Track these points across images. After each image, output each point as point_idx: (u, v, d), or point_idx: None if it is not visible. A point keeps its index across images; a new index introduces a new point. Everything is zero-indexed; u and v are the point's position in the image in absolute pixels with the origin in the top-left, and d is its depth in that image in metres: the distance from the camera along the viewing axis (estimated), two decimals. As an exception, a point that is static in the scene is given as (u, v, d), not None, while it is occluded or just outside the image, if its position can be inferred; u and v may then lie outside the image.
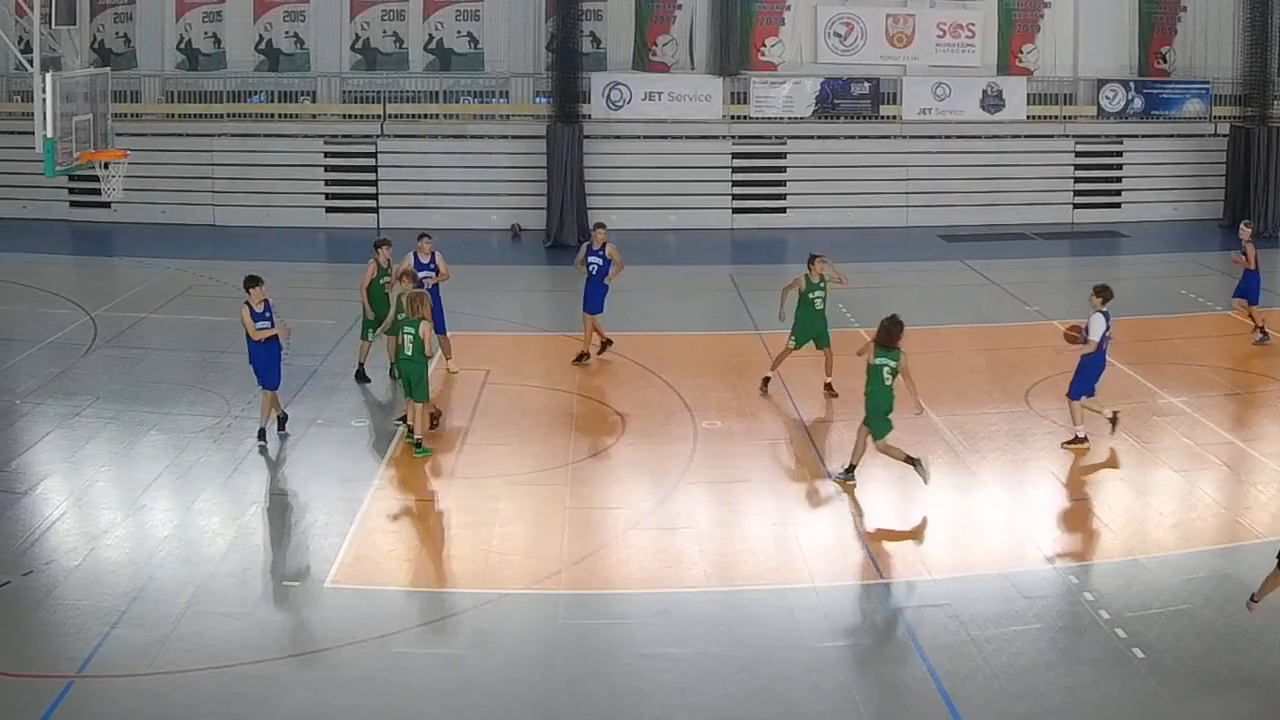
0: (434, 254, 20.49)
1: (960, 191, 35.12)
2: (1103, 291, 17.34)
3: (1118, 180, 36.29)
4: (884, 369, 15.72)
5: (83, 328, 23.25)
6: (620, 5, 35.31)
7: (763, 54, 35.82)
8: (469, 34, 35.57)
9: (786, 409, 19.30)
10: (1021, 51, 36.35)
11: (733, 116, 35.31)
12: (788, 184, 35.43)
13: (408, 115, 35.13)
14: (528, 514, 15.43)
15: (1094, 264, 30.57)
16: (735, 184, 35.27)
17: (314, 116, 35.34)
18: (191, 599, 12.85)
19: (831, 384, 19.45)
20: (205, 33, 35.42)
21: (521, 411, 19.14)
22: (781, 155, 35.37)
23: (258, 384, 17.52)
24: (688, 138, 35.17)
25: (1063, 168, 35.94)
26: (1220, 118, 35.84)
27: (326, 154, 34.88)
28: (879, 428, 15.88)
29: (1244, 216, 33.60)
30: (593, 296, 21.30)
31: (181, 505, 15.39)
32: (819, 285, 19.48)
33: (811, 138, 35.44)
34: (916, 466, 15.73)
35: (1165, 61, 36.80)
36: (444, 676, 11.63)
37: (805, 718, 11.09)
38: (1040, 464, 16.99)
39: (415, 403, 17.19)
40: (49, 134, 19.78)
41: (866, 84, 35.42)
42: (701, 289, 28.13)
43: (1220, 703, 10.98)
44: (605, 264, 21.20)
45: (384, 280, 19.91)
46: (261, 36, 35.51)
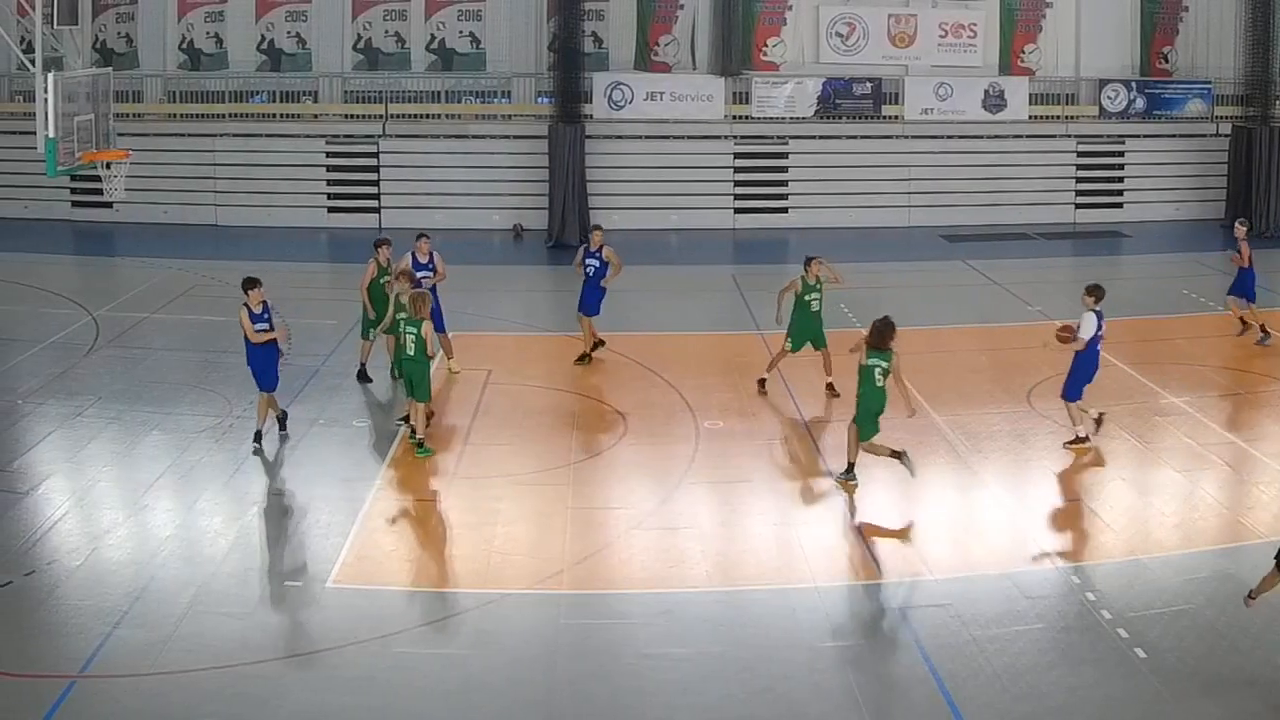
0: (432, 254, 20.50)
1: (962, 191, 35.10)
2: (1095, 290, 17.33)
3: (1120, 180, 36.26)
4: (875, 369, 15.78)
5: (85, 328, 23.25)
6: (622, 5, 35.29)
7: (764, 54, 35.79)
8: (471, 34, 35.57)
9: (788, 409, 19.30)
10: (1023, 51, 36.33)
11: (734, 116, 35.29)
12: (790, 184, 35.40)
13: (410, 115, 35.12)
14: (530, 514, 15.43)
15: (1096, 264, 30.51)
16: (737, 184, 35.25)
17: (316, 116, 35.33)
18: (193, 599, 12.85)
19: (833, 384, 19.44)
20: (207, 33, 35.42)
21: (523, 411, 19.14)
22: (783, 155, 35.34)
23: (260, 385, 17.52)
24: (690, 138, 35.15)
25: (1064, 168, 35.91)
26: (1222, 118, 35.81)
27: (328, 154, 34.87)
28: (866, 429, 15.96)
29: (1246, 216, 33.68)
30: (590, 299, 21.29)
31: (183, 505, 15.40)
32: (815, 287, 19.46)
33: (813, 138, 35.42)
34: (902, 459, 15.81)
35: (1167, 61, 36.78)
36: (446, 677, 11.63)
37: (807, 718, 11.09)
38: (1042, 464, 16.98)
39: (417, 403, 17.19)
40: (51, 134, 19.78)
41: (868, 84, 35.40)
42: (703, 289, 28.11)
43: (1223, 703, 10.96)
44: (602, 266, 21.17)
45: (384, 280, 19.91)
46: (263, 36, 35.50)
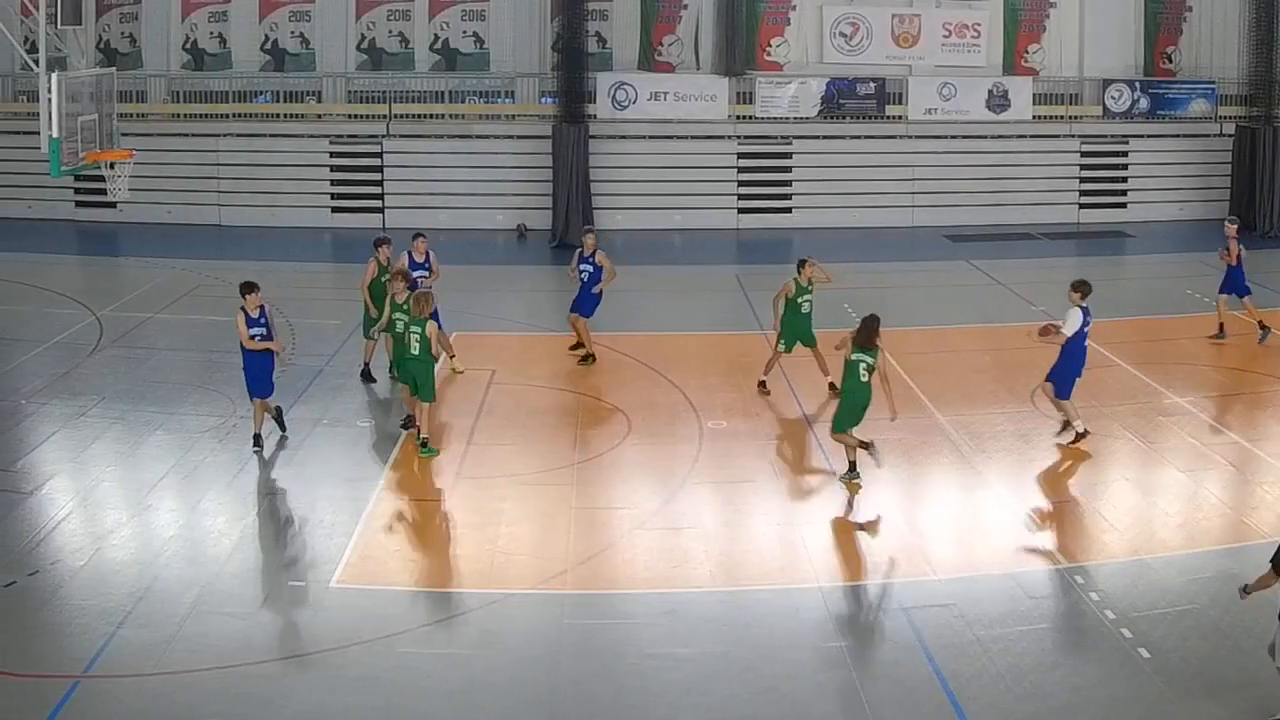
0: (429, 253, 20.55)
1: (966, 191, 35.06)
2: (1081, 286, 17.34)
3: (1123, 180, 36.23)
4: (860, 365, 15.87)
5: (88, 328, 23.26)
6: (626, 5, 35.30)
7: (768, 54, 35.77)
8: (474, 34, 35.56)
9: (791, 409, 19.29)
10: (1027, 51, 36.29)
11: (738, 116, 35.27)
12: (793, 184, 35.37)
13: (413, 115, 35.11)
14: (533, 514, 15.42)
15: (1099, 264, 30.46)
16: (741, 184, 35.23)
17: (319, 116, 35.34)
18: (197, 599, 12.85)
19: (835, 383, 19.41)
20: (211, 33, 35.43)
21: (527, 411, 19.14)
22: (787, 155, 35.31)
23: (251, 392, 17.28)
24: (693, 138, 35.13)
25: (1068, 168, 35.87)
26: (1226, 118, 35.77)
27: (332, 154, 34.88)
28: (842, 422, 16.08)
29: (1250, 216, 33.71)
30: (585, 303, 21.30)
31: (187, 505, 15.40)
32: (808, 289, 19.53)
33: (817, 138, 35.38)
34: (869, 449, 15.87)
35: (1171, 61, 36.74)
36: (449, 676, 11.63)
37: (811, 718, 11.08)
38: (1045, 464, 16.97)
39: (422, 402, 17.19)
40: (54, 134, 19.79)
41: (872, 84, 35.36)
42: (707, 289, 28.10)
43: (1226, 703, 10.95)
44: (597, 271, 21.17)
45: (385, 279, 19.93)
46: (267, 36, 35.50)
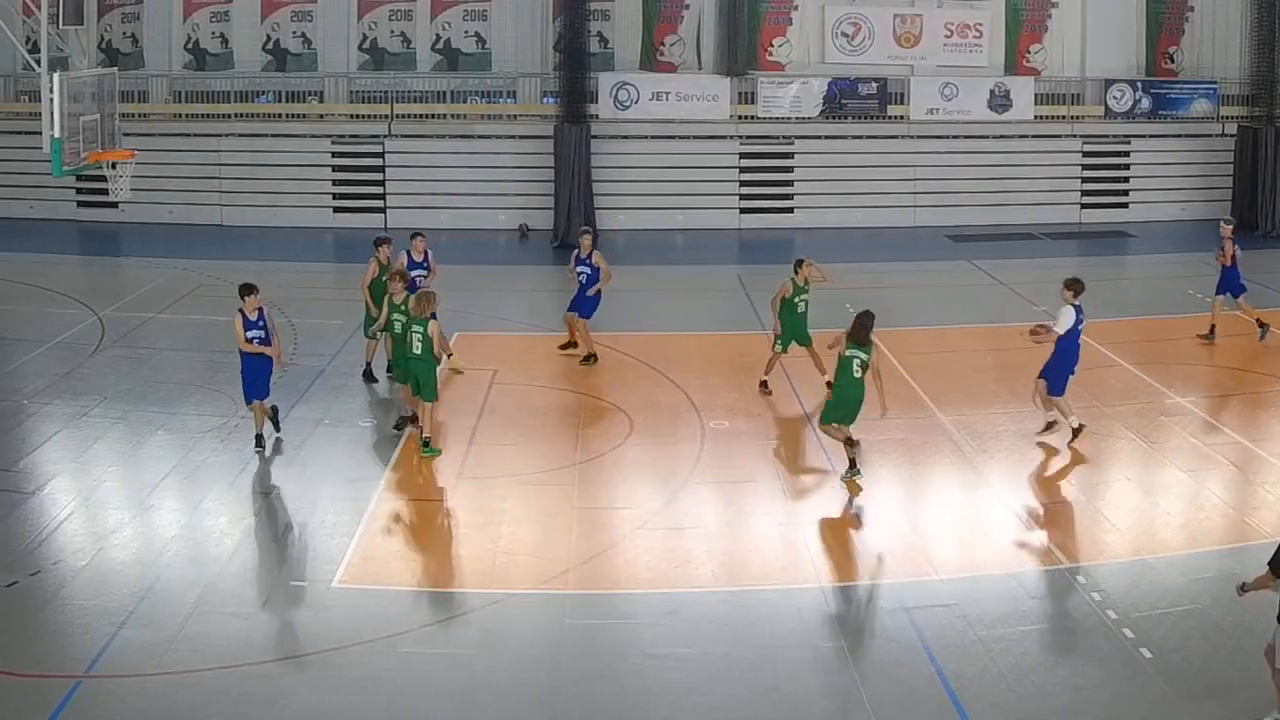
0: (427, 252, 20.57)
1: (967, 191, 35.06)
2: (1074, 285, 17.35)
3: (1125, 180, 36.23)
4: (854, 361, 15.93)
5: (90, 328, 23.26)
6: (628, 5, 35.31)
7: (770, 54, 35.78)
8: (476, 34, 35.58)
9: (793, 409, 19.29)
10: (1029, 51, 36.29)
11: (740, 116, 35.27)
12: (795, 184, 35.38)
13: (415, 115, 35.12)
14: (535, 514, 15.42)
15: (1101, 264, 30.47)
16: (743, 184, 35.23)
17: (321, 116, 35.35)
18: (199, 599, 12.85)
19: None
20: (213, 33, 35.45)
21: (528, 411, 19.14)
22: (789, 155, 35.31)
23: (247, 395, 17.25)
24: (695, 138, 35.14)
25: (1070, 168, 35.88)
26: (1228, 118, 35.77)
27: (334, 154, 34.89)
28: (831, 415, 16.20)
29: (1252, 216, 33.73)
30: (584, 304, 21.32)
31: (189, 505, 15.40)
32: (805, 289, 19.59)
33: (819, 138, 35.38)
34: (852, 448, 15.98)
35: (1173, 61, 36.73)
36: (451, 676, 11.63)
37: (812, 717, 11.08)
38: (1047, 464, 16.96)
39: (424, 402, 17.18)
40: (56, 134, 19.81)
41: (874, 84, 35.36)
42: (709, 289, 28.10)
43: (1228, 703, 10.95)
44: (594, 272, 21.21)
45: (386, 278, 19.94)
46: (269, 36, 35.52)
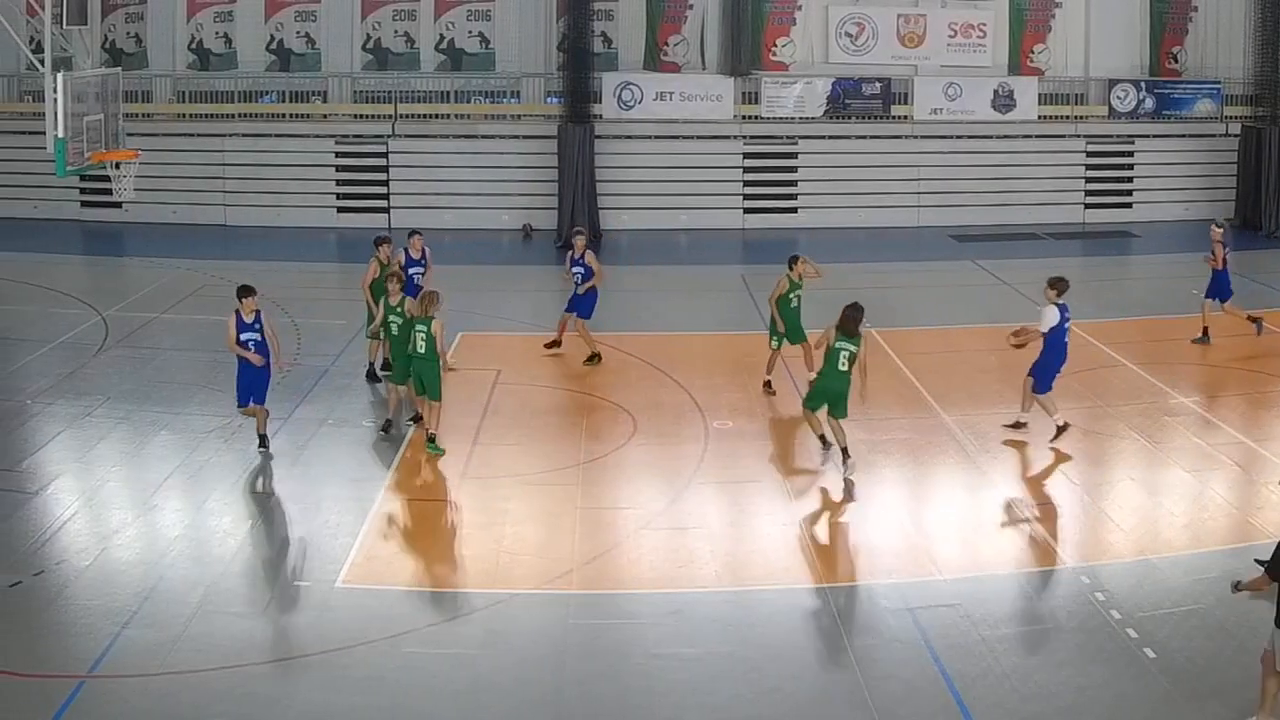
0: (424, 249, 20.59)
1: (971, 191, 35.05)
2: (1057, 284, 17.35)
3: (1129, 180, 36.19)
4: (841, 353, 16.02)
5: (94, 328, 23.28)
6: (631, 5, 35.31)
7: (774, 54, 35.78)
8: (480, 34, 35.59)
9: (796, 409, 19.19)
10: (1033, 51, 36.27)
11: (744, 116, 35.27)
12: (799, 184, 35.37)
13: (419, 115, 35.13)
14: (539, 514, 15.42)
15: (1105, 264, 30.48)
16: (746, 184, 35.23)
17: (325, 116, 35.37)
18: (202, 599, 12.86)
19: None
20: (216, 33, 35.49)
21: (532, 411, 19.15)
22: (793, 155, 35.31)
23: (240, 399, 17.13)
24: (699, 138, 35.14)
25: (1074, 168, 35.86)
26: (1231, 118, 35.74)
27: (338, 154, 34.91)
28: (814, 402, 16.33)
29: (1255, 216, 33.70)
30: (581, 303, 21.33)
31: (192, 505, 15.41)
32: (799, 285, 19.68)
33: (823, 138, 35.38)
34: (825, 446, 16.12)
35: (1176, 61, 36.70)
36: (455, 676, 11.63)
37: (816, 717, 11.08)
38: (1050, 464, 16.94)
39: (430, 401, 17.18)
40: (60, 134, 19.84)
41: (878, 84, 35.36)
42: (713, 289, 28.10)
43: (1231, 703, 10.93)
44: (588, 271, 21.24)
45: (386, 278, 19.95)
46: (273, 36, 35.54)
